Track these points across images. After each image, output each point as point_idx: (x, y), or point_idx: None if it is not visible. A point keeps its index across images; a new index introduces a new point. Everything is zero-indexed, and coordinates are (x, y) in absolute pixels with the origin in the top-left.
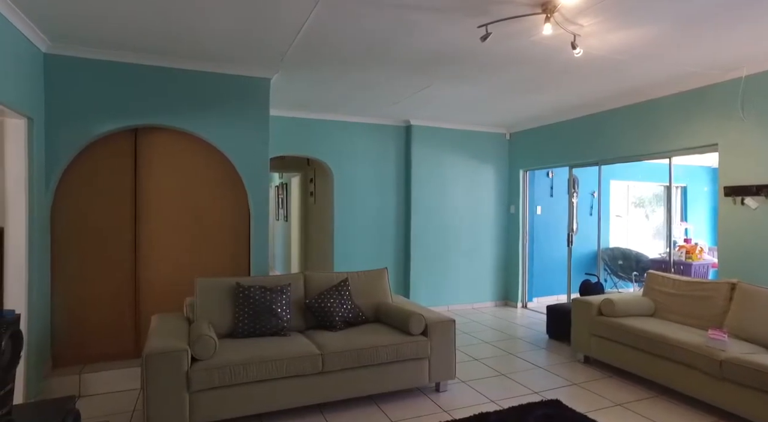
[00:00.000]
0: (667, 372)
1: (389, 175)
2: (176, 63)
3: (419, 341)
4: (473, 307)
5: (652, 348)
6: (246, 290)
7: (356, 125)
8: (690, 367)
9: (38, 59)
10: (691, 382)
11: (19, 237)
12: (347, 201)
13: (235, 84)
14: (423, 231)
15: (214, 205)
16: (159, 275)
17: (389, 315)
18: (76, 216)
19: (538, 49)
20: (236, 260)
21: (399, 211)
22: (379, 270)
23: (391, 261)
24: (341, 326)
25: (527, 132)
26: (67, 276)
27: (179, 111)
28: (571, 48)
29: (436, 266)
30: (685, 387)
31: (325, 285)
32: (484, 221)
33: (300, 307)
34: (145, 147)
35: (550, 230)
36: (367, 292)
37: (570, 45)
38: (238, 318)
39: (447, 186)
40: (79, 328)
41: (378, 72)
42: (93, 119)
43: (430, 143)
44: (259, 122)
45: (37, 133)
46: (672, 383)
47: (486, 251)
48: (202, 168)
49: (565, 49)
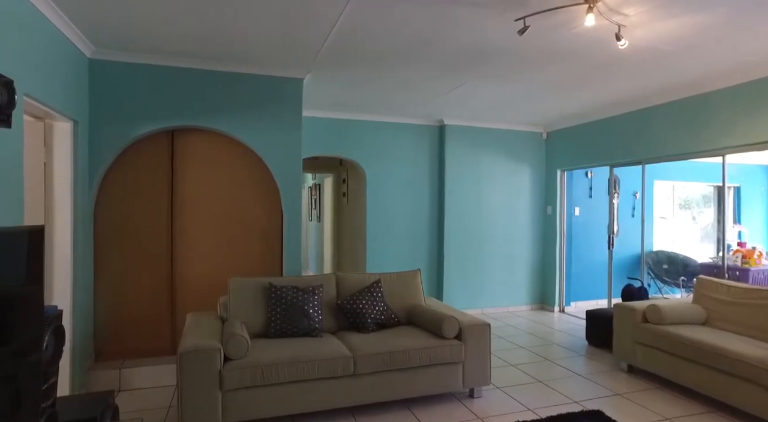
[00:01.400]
0: (724, 386)
1: (422, 175)
2: (211, 65)
3: (453, 345)
4: (508, 310)
5: (708, 360)
6: (278, 291)
7: (389, 125)
8: (751, 382)
9: (83, 64)
10: (752, 399)
11: (64, 236)
12: (380, 202)
13: (268, 85)
14: (457, 232)
15: (248, 205)
16: (194, 274)
17: (422, 318)
18: (117, 216)
19: (579, 42)
20: (269, 260)
21: (432, 212)
22: (412, 272)
23: (424, 263)
24: (373, 328)
25: (565, 131)
26: (108, 274)
27: (214, 112)
28: (615, 40)
29: (470, 268)
30: (744, 404)
31: (358, 286)
32: (520, 222)
33: (332, 308)
34: (181, 148)
35: (588, 232)
36: (399, 294)
37: (614, 37)
38: (271, 318)
39: (481, 187)
40: (119, 324)
41: (412, 70)
42: (133, 121)
43: (464, 142)
44: (292, 122)
45: (82, 135)
46: (729, 398)
47: (522, 253)
48: (236, 169)
49: (608, 41)
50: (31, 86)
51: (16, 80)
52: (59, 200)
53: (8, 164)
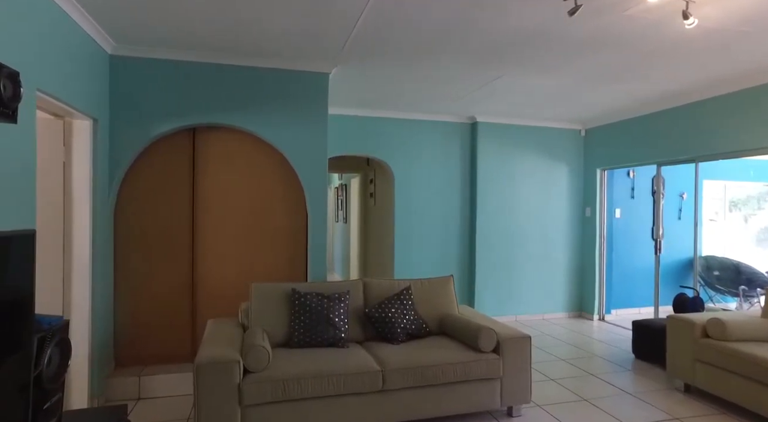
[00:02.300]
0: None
1: (453, 175)
2: (235, 60)
3: (490, 359)
4: (543, 318)
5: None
6: (302, 298)
7: (418, 123)
8: None
9: (104, 61)
10: None
11: (83, 239)
12: (409, 202)
13: (293, 80)
14: (489, 235)
15: (272, 206)
16: (216, 278)
17: (456, 328)
18: (136, 218)
19: (631, 26)
20: (293, 264)
21: (463, 213)
22: (445, 278)
23: (454, 266)
24: (403, 338)
25: (605, 127)
26: (127, 278)
27: (237, 110)
28: (671, 24)
29: (503, 272)
30: None
31: (386, 293)
32: (557, 224)
33: (359, 316)
34: (202, 147)
35: (630, 236)
36: (431, 301)
37: (671, 20)
38: (294, 326)
39: (516, 187)
40: (139, 330)
41: (444, 63)
42: (154, 119)
43: (498, 140)
44: (317, 119)
45: (102, 134)
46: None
47: (558, 257)
48: (260, 168)
49: (667, 23)
50: (48, 83)
51: (32, 76)
52: (78, 201)
53: (17, 164)
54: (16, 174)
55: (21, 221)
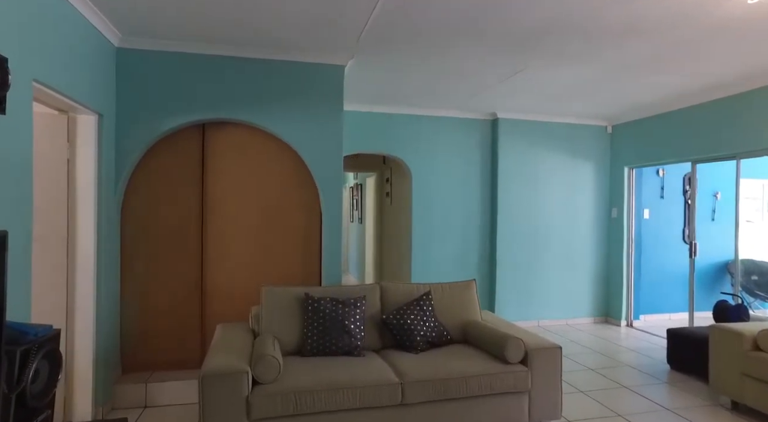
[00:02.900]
0: None
1: (473, 174)
2: (246, 52)
3: (517, 371)
4: (567, 323)
5: None
6: (316, 303)
7: (437, 120)
8: None
9: (110, 53)
10: None
11: (87, 240)
12: (427, 202)
13: (307, 73)
14: (510, 236)
15: (284, 206)
16: (225, 280)
17: (480, 337)
18: (143, 218)
19: (671, 8)
20: (306, 267)
21: (484, 213)
22: (467, 282)
23: (474, 269)
24: (423, 347)
25: (634, 124)
26: (134, 280)
27: (249, 104)
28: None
29: (525, 275)
30: None
31: (405, 299)
32: (581, 225)
33: (376, 323)
34: (212, 143)
35: (660, 238)
36: (452, 307)
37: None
38: (307, 333)
39: (538, 186)
40: (146, 334)
41: (465, 54)
42: (162, 114)
43: (520, 138)
44: (332, 114)
45: (107, 129)
46: None
47: (583, 259)
48: (272, 166)
49: (710, 5)
50: (47, 74)
51: (27, 65)
52: (82, 200)
53: (12, 159)
54: (10, 170)
55: (17, 220)
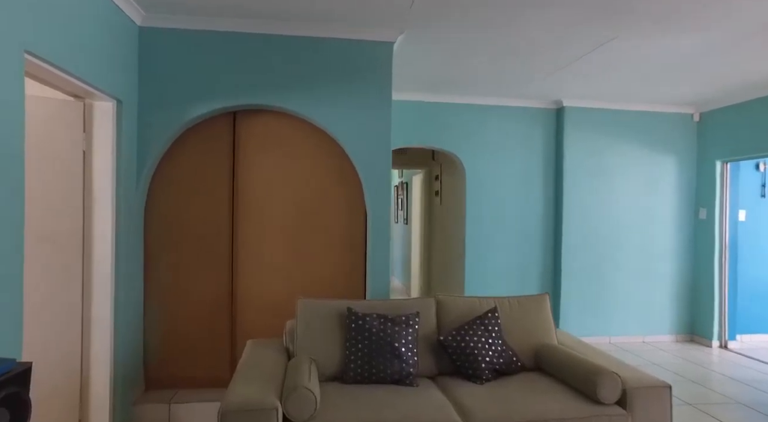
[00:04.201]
0: None
1: (535, 171)
2: (282, 28)
3: (614, 415)
4: (644, 341)
5: None
6: (360, 320)
7: (494, 109)
8: None
9: (132, 33)
10: None
11: (104, 242)
12: (482, 202)
13: (351, 51)
14: (578, 240)
15: (324, 205)
16: (258, 288)
17: (559, 366)
18: (169, 218)
19: None
20: (349, 275)
21: (546, 214)
22: (538, 297)
23: (535, 277)
24: (489, 376)
25: (728, 110)
26: (158, 287)
27: (285, 88)
28: None
29: (595, 285)
30: None
31: (465, 315)
32: (661, 228)
33: (431, 345)
34: (245, 133)
35: (760, 243)
36: (522, 327)
37: None
38: (350, 356)
39: (611, 184)
40: (171, 348)
41: (538, 24)
42: (190, 100)
43: (589, 128)
44: (379, 99)
45: (127, 118)
46: None
47: (663, 267)
48: (310, 159)
49: None
50: (46, 47)
51: (17, 33)
52: (99, 198)
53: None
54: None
55: (5, 216)
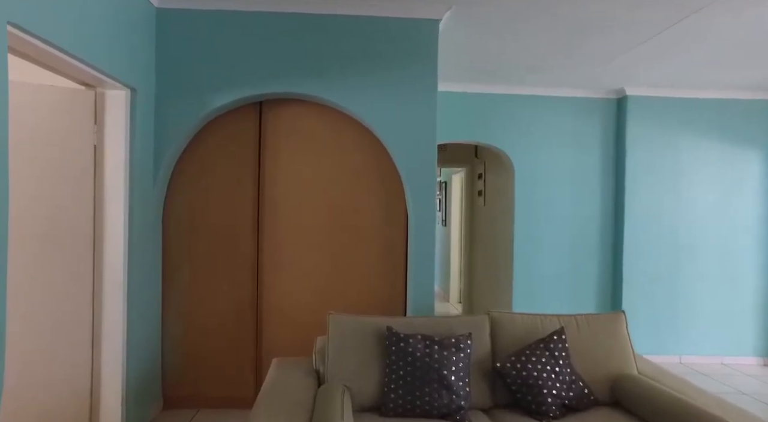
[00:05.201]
0: None
1: (592, 168)
2: (313, 6)
3: None
4: (723, 362)
5: None
6: (402, 341)
7: (546, 100)
8: None
9: (149, 15)
10: None
11: (115, 246)
12: (531, 202)
13: (390, 31)
14: (642, 246)
15: (359, 206)
16: (285, 298)
17: (645, 404)
18: (188, 219)
19: None
20: (387, 286)
21: (605, 218)
22: (613, 316)
23: (591, 287)
24: (556, 412)
25: None
26: (178, 298)
27: (315, 74)
28: None
29: (662, 297)
30: None
31: (526, 337)
32: (744, 233)
33: (485, 372)
34: (271, 126)
35: None
36: (594, 353)
37: None
38: (389, 384)
39: (682, 182)
40: (190, 363)
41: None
42: (212, 88)
43: (656, 119)
44: (422, 86)
45: (143, 108)
46: None
47: (746, 277)
48: (344, 154)
49: None
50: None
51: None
52: (111, 197)
53: None
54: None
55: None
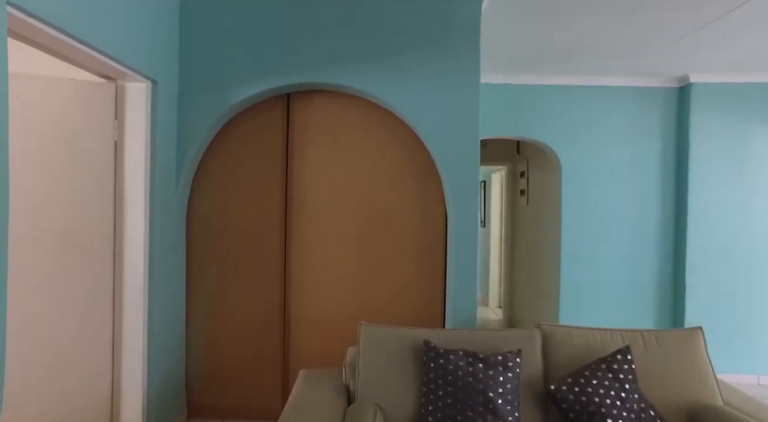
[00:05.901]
0: None
1: (649, 164)
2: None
3: None
4: None
5: None
6: (441, 358)
7: (597, 91)
8: None
9: (172, 2)
10: None
11: (136, 247)
12: (580, 203)
13: (427, 14)
14: (708, 252)
15: (394, 207)
16: (315, 305)
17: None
18: (212, 221)
19: None
20: (424, 294)
21: (666, 220)
22: (688, 332)
23: (650, 296)
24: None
25: None
26: (203, 304)
27: (346, 63)
28: None
29: (735, 309)
30: None
31: (584, 355)
32: None
33: (535, 394)
34: (299, 119)
35: None
36: (666, 376)
37: None
38: (427, 405)
39: (756, 181)
40: (216, 373)
41: None
42: (236, 79)
43: (725, 109)
44: (464, 75)
45: (164, 101)
46: None
47: None
48: (378, 151)
49: None
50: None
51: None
52: (131, 196)
53: None
54: None
55: None
